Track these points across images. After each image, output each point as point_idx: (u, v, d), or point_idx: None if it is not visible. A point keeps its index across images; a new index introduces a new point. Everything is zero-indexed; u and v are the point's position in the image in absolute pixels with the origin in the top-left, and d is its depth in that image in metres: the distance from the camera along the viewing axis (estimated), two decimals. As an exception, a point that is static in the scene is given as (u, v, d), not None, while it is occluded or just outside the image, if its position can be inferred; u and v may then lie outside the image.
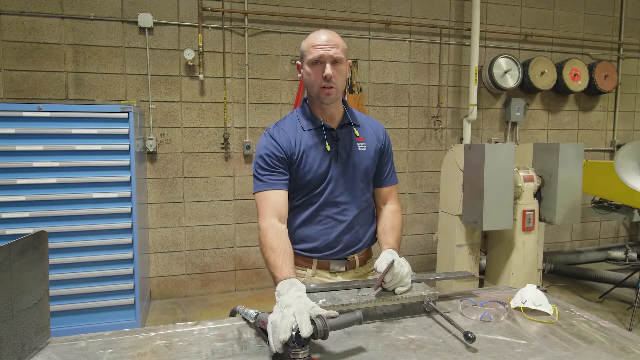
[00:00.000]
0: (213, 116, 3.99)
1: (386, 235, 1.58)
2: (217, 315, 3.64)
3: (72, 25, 3.61)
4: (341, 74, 1.47)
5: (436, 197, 4.51)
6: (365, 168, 1.58)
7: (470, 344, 1.10)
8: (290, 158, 1.50)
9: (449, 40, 4.60)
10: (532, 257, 3.40)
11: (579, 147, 3.32)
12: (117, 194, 3.07)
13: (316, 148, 1.52)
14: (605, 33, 5.17)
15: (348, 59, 1.54)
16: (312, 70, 1.46)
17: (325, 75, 1.43)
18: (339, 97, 1.52)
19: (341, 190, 1.54)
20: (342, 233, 1.56)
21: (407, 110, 4.55)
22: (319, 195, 1.53)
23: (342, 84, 1.50)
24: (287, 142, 1.51)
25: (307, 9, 4.14)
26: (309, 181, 1.52)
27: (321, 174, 1.52)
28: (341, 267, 1.59)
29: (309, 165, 1.51)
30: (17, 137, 2.89)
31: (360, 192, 1.58)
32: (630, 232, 5.59)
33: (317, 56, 1.43)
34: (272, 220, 1.42)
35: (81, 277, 3.03)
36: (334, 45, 1.44)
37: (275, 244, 1.36)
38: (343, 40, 1.50)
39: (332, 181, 1.53)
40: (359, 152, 1.57)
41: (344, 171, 1.54)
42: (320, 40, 1.44)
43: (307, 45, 1.47)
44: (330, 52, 1.43)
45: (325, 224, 1.55)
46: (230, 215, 4.11)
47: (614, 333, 1.19)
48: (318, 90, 1.47)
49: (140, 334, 1.18)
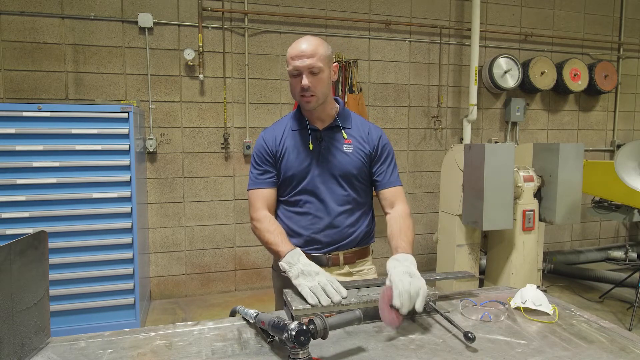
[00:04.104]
0: (213, 116, 3.99)
1: (394, 239, 1.55)
2: (217, 315, 3.64)
3: (72, 25, 3.61)
4: (321, 81, 1.51)
5: (436, 197, 4.51)
6: (347, 169, 1.62)
7: (470, 344, 1.10)
8: (275, 155, 1.63)
9: (449, 40, 4.60)
10: (532, 257, 3.40)
11: (579, 147, 3.32)
12: (117, 194, 3.07)
13: (299, 147, 1.62)
14: (605, 33, 5.17)
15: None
16: (292, 81, 1.55)
17: (302, 86, 1.49)
18: (321, 102, 1.57)
19: (322, 189, 1.61)
20: (324, 229, 1.62)
21: (407, 110, 4.55)
22: (301, 191, 1.62)
23: (324, 90, 1.54)
24: (273, 140, 1.64)
25: (307, 9, 4.14)
26: (290, 177, 1.62)
27: (301, 170, 1.60)
28: (322, 262, 1.61)
29: (291, 162, 1.61)
30: (17, 137, 2.89)
31: (342, 192, 1.63)
32: (630, 232, 5.59)
33: (293, 68, 1.50)
34: (264, 212, 1.60)
35: (81, 277, 3.03)
36: (310, 55, 1.48)
37: (272, 227, 1.53)
38: (325, 46, 1.53)
39: (313, 179, 1.61)
40: (343, 154, 1.62)
41: (325, 171, 1.61)
42: (297, 51, 1.50)
43: (287, 55, 1.55)
44: (306, 63, 1.47)
45: (308, 219, 1.62)
46: (230, 215, 4.11)
47: (614, 333, 1.19)
48: (299, 98, 1.56)
49: (140, 334, 1.18)
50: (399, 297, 1.15)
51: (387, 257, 1.43)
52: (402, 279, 1.20)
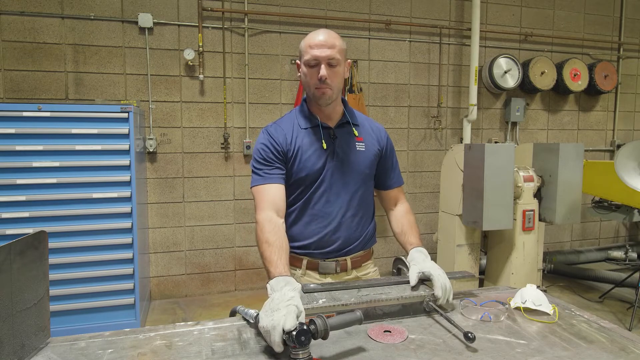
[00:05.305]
0: (213, 116, 3.99)
1: (406, 235, 1.58)
2: (217, 315, 3.64)
3: (72, 25, 3.61)
4: (337, 75, 1.47)
5: (436, 197, 4.51)
6: (362, 168, 1.57)
7: (470, 344, 1.10)
8: (286, 154, 1.51)
9: (449, 40, 4.60)
10: (532, 257, 3.40)
11: (579, 147, 3.32)
12: (117, 194, 3.07)
13: (312, 146, 1.52)
14: (605, 33, 5.17)
15: (348, 59, 1.54)
16: (308, 71, 1.47)
17: (320, 76, 1.43)
18: (335, 97, 1.51)
19: (335, 189, 1.54)
20: (335, 232, 1.55)
21: (407, 110, 4.55)
22: (313, 193, 1.53)
23: (339, 84, 1.49)
24: (283, 138, 1.52)
25: (307, 9, 4.14)
26: (303, 178, 1.52)
27: (316, 171, 1.51)
28: (331, 269, 1.57)
29: (303, 162, 1.51)
30: (17, 137, 2.89)
31: (355, 191, 1.57)
32: (630, 232, 5.59)
33: (312, 57, 1.43)
34: (270, 214, 1.42)
35: (81, 277, 3.03)
36: (331, 46, 1.43)
37: (272, 239, 1.36)
38: (342, 41, 1.49)
39: (327, 179, 1.53)
40: (357, 152, 1.56)
41: (340, 170, 1.54)
42: (317, 40, 1.44)
43: (304, 44, 1.47)
44: (326, 53, 1.42)
45: (318, 222, 1.54)
46: (230, 215, 4.11)
47: (614, 333, 1.19)
48: (313, 90, 1.48)
49: (140, 334, 1.18)
50: (441, 289, 1.30)
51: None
52: (440, 273, 1.34)
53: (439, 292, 1.29)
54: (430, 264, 1.40)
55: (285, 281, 1.20)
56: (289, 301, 1.06)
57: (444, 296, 1.30)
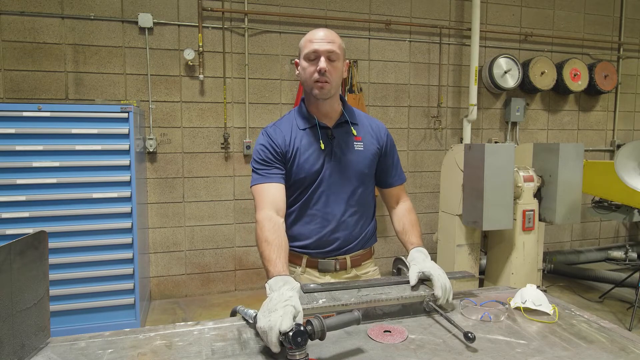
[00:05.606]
0: (213, 116, 3.99)
1: (407, 234, 1.58)
2: (217, 315, 3.64)
3: (72, 25, 3.61)
4: (336, 70, 1.47)
5: (436, 197, 4.51)
6: (361, 168, 1.57)
7: (470, 344, 1.10)
8: (285, 155, 1.52)
9: (449, 40, 4.60)
10: (532, 257, 3.40)
11: (579, 147, 3.32)
12: (117, 194, 3.07)
13: (310, 147, 1.52)
14: (605, 33, 5.17)
15: (347, 59, 1.54)
16: (307, 65, 1.47)
17: (320, 68, 1.43)
18: (333, 93, 1.51)
19: (334, 189, 1.54)
20: (334, 232, 1.55)
21: (407, 110, 4.55)
22: (312, 193, 1.54)
23: (337, 80, 1.50)
24: (282, 139, 1.52)
25: (307, 9, 4.14)
26: (302, 179, 1.52)
27: (314, 172, 1.52)
28: (330, 267, 1.58)
29: (302, 164, 1.51)
30: (17, 137, 2.89)
31: (354, 191, 1.57)
32: (630, 232, 5.59)
33: (312, 50, 1.44)
34: (270, 213, 1.42)
35: (81, 277, 3.03)
36: (331, 41, 1.45)
37: (271, 237, 1.35)
38: (341, 40, 1.51)
39: (325, 180, 1.53)
40: (355, 152, 1.56)
41: (338, 170, 1.54)
42: (317, 35, 1.46)
43: (304, 41, 1.49)
44: (326, 47, 1.44)
45: (317, 222, 1.55)
46: (230, 215, 4.11)
47: (614, 333, 1.18)
48: (312, 84, 1.47)
49: (140, 334, 1.18)
50: (441, 289, 1.30)
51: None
52: (440, 273, 1.34)
53: (439, 292, 1.29)
54: (430, 263, 1.40)
55: (284, 281, 1.19)
56: (287, 301, 1.05)
57: (444, 296, 1.30)
